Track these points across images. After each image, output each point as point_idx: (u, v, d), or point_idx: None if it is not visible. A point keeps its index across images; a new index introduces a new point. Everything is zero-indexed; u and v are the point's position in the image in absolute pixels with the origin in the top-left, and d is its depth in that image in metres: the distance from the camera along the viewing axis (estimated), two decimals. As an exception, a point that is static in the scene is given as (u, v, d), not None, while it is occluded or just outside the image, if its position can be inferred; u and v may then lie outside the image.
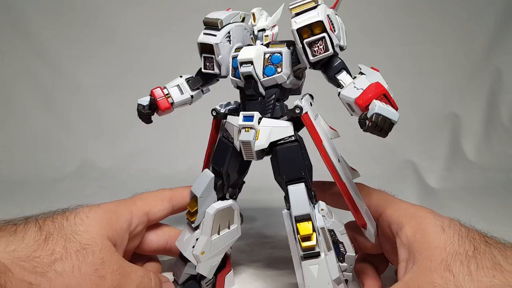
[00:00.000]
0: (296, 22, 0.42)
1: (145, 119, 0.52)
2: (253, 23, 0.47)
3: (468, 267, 0.38)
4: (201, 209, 0.49)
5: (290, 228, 0.45)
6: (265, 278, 0.56)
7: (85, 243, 0.41)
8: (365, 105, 0.39)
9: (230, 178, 0.49)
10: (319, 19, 0.41)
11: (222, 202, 0.50)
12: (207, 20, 0.49)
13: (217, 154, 0.49)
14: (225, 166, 0.48)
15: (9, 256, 0.37)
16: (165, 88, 0.52)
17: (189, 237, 0.50)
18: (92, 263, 0.40)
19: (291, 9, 0.43)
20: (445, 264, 0.39)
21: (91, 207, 0.46)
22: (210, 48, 0.48)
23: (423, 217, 0.44)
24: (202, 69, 0.50)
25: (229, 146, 0.48)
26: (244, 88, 0.46)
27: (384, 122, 0.37)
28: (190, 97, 0.53)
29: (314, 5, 0.43)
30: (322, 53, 0.43)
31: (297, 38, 0.43)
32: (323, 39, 0.42)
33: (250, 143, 0.45)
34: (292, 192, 0.44)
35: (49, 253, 0.39)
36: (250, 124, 0.45)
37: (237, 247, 0.63)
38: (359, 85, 0.41)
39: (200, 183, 0.49)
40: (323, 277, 0.42)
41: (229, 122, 0.48)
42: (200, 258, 0.49)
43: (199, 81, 0.52)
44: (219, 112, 0.50)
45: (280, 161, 0.45)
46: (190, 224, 0.50)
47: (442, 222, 0.43)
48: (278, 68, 0.45)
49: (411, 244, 0.43)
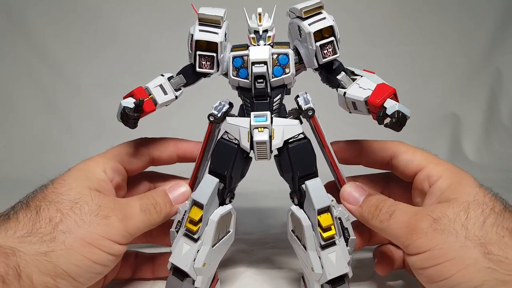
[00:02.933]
0: (310, 25, 0.45)
1: (132, 124, 0.46)
2: (258, 23, 0.46)
3: (486, 218, 0.39)
4: (206, 217, 0.46)
5: (308, 222, 0.46)
6: (266, 278, 0.56)
7: (74, 198, 0.43)
8: (380, 104, 0.42)
9: (233, 181, 0.48)
10: (331, 24, 0.45)
11: (223, 207, 0.48)
12: (205, 16, 0.46)
13: (218, 157, 0.48)
14: (230, 169, 0.47)
15: (13, 239, 0.39)
16: (147, 88, 0.48)
17: (188, 250, 0.46)
18: (90, 211, 0.42)
19: (304, 12, 0.45)
20: (465, 206, 0.40)
21: (64, 172, 0.46)
22: (213, 46, 0.46)
23: (465, 176, 0.44)
24: (196, 68, 0.47)
25: (233, 148, 0.47)
26: (256, 88, 0.46)
27: (404, 118, 0.41)
28: (175, 98, 0.49)
29: (321, 8, 0.45)
30: (331, 56, 0.45)
31: (313, 40, 0.45)
32: (332, 42, 0.45)
33: (266, 143, 0.45)
34: (312, 186, 0.46)
35: (47, 221, 0.40)
36: (264, 124, 0.45)
37: (237, 247, 0.63)
38: (365, 86, 0.44)
39: (204, 189, 0.46)
40: (341, 263, 0.45)
41: (232, 123, 0.47)
42: (201, 271, 0.46)
43: (182, 81, 0.49)
44: (216, 116, 0.48)
45: (293, 159, 0.46)
46: (191, 235, 0.46)
47: (482, 185, 0.43)
48: (286, 69, 0.46)
49: (443, 192, 0.43)
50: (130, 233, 0.44)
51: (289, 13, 0.48)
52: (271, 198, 0.83)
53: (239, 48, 0.47)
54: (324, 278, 0.45)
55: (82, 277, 0.41)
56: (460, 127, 1.12)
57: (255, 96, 0.46)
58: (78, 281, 0.40)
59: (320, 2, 0.46)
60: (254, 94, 0.46)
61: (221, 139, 0.48)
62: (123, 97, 0.47)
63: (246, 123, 0.46)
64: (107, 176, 0.47)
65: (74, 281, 0.40)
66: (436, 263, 0.38)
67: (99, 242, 0.41)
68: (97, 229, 0.41)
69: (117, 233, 0.43)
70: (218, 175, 0.47)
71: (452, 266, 0.37)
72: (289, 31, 0.49)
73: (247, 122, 0.46)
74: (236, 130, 0.47)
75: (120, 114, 0.46)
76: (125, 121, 0.46)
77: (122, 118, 0.46)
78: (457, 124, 1.13)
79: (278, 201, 0.49)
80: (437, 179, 0.44)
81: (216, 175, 0.47)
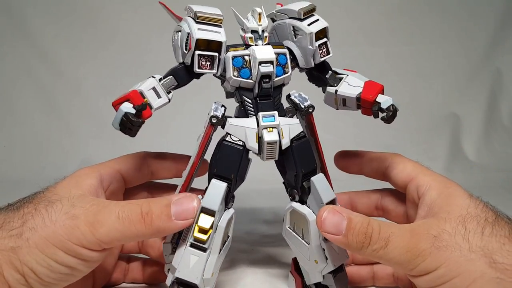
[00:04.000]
0: (309, 25, 0.46)
1: (135, 132, 0.42)
2: (258, 22, 0.46)
3: (483, 229, 0.39)
4: (215, 224, 0.44)
5: (313, 216, 0.45)
6: (266, 277, 0.56)
7: (54, 198, 0.41)
8: (373, 99, 0.46)
9: (237, 184, 0.47)
10: (327, 25, 0.47)
11: (228, 212, 0.47)
12: (205, 15, 0.45)
13: (223, 160, 0.46)
14: (236, 171, 0.46)
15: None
16: (142, 92, 0.45)
17: (197, 261, 0.43)
18: (61, 210, 0.40)
19: (303, 13, 0.47)
20: (461, 219, 0.40)
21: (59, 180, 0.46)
22: (214, 45, 0.44)
23: (453, 186, 0.44)
24: (195, 68, 0.45)
25: (238, 150, 0.46)
26: (263, 88, 0.45)
27: (396, 110, 0.45)
28: (168, 101, 0.46)
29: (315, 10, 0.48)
30: (325, 55, 0.48)
31: (314, 40, 0.46)
32: (326, 43, 0.47)
33: (276, 142, 0.45)
34: (317, 182, 0.46)
35: (20, 216, 0.40)
36: (274, 124, 0.45)
37: (237, 247, 0.63)
38: (354, 83, 0.48)
39: (213, 195, 0.44)
40: (342, 252, 0.47)
41: (236, 124, 0.46)
42: (210, 282, 0.44)
43: (173, 83, 0.47)
44: (218, 118, 0.46)
45: (297, 157, 0.46)
46: (201, 245, 0.43)
47: (471, 193, 0.43)
48: (286, 68, 0.47)
49: (434, 202, 0.43)
50: (101, 240, 0.39)
51: (276, 14, 0.50)
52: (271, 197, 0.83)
53: (237, 48, 0.46)
54: (328, 268, 0.46)
55: (49, 277, 0.39)
56: (460, 127, 1.12)
57: (259, 96, 0.46)
58: (45, 280, 0.38)
59: (312, 4, 0.48)
60: (258, 94, 0.46)
61: (224, 142, 0.46)
62: (115, 102, 0.44)
63: (252, 124, 0.45)
64: (103, 183, 0.46)
65: (42, 280, 0.38)
66: (444, 281, 0.38)
67: (63, 244, 0.38)
68: (61, 230, 0.38)
69: (84, 238, 0.39)
70: (224, 179, 0.46)
71: (461, 282, 0.37)
72: (273, 33, 0.50)
73: (254, 123, 0.45)
74: (242, 131, 0.46)
75: (120, 121, 0.42)
76: (129, 128, 0.42)
77: (124, 125, 0.42)
78: (457, 124, 1.13)
79: (278, 200, 0.49)
80: (427, 189, 0.45)
81: (221, 179, 0.46)
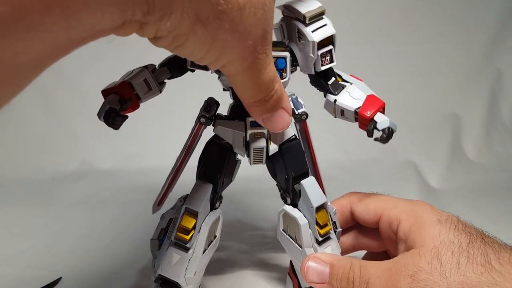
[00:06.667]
0: (313, 32, 0.43)
1: (118, 125, 0.41)
2: None
3: (458, 259, 0.38)
4: (198, 225, 0.45)
5: (304, 220, 0.45)
6: (266, 278, 0.56)
7: None
8: (371, 117, 0.44)
9: (224, 185, 0.47)
10: (334, 32, 0.44)
11: (214, 213, 0.47)
12: None
13: (209, 160, 0.46)
14: (222, 173, 0.45)
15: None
16: (130, 83, 0.43)
17: (179, 260, 0.44)
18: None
19: (309, 17, 0.43)
20: (435, 252, 0.39)
21: None
22: None
23: (420, 211, 0.44)
24: (188, 65, 0.43)
25: (225, 151, 0.45)
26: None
27: (392, 133, 0.43)
28: (159, 92, 0.45)
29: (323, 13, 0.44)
30: (328, 64, 0.45)
31: (316, 50, 0.44)
32: (330, 51, 0.44)
33: (263, 148, 0.44)
34: (308, 185, 0.46)
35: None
36: (261, 131, 0.44)
37: (237, 248, 0.63)
38: (355, 95, 0.45)
39: (197, 196, 0.44)
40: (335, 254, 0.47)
41: (224, 127, 0.45)
42: (192, 280, 0.44)
43: (167, 73, 0.45)
44: (207, 118, 0.45)
45: (287, 160, 0.45)
46: (183, 244, 0.44)
47: (440, 215, 0.43)
48: (284, 73, 0.43)
49: (407, 237, 0.43)
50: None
51: (284, 9, 0.45)
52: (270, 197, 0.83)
53: None
54: None
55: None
56: (460, 127, 1.12)
57: None
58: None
59: (322, 6, 0.44)
60: None
61: (211, 142, 0.46)
62: (103, 91, 0.43)
63: (240, 128, 0.44)
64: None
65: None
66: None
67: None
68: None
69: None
70: (210, 180, 0.45)
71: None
72: (280, 26, 0.47)
73: (242, 126, 0.44)
74: (230, 134, 0.45)
75: (104, 114, 0.41)
76: (112, 123, 0.41)
77: (107, 119, 0.41)
78: (457, 124, 1.12)
79: (278, 200, 0.49)
80: (398, 224, 0.45)
81: (207, 180, 0.45)
